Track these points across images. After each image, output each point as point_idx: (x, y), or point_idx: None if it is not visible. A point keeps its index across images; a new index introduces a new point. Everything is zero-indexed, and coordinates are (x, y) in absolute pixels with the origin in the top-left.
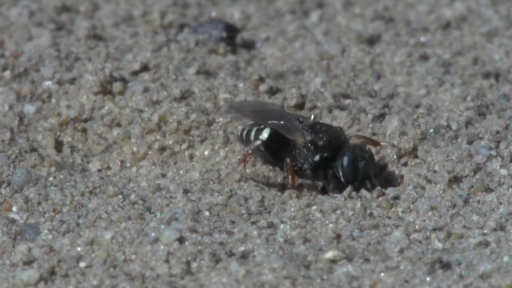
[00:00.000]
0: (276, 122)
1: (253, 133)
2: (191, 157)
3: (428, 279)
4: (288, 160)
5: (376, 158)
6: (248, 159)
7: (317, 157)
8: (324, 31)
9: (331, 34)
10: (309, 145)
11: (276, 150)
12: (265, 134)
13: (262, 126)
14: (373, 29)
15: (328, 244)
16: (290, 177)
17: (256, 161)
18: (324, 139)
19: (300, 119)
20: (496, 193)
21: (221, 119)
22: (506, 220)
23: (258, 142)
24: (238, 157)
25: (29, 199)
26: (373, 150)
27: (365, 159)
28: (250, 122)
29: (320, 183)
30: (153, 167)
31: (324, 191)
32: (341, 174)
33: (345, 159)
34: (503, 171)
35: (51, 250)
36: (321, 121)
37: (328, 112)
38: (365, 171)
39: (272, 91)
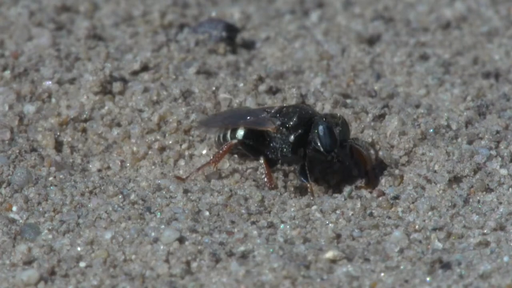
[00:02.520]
0: (245, 120)
1: (228, 134)
2: (191, 157)
3: (428, 279)
4: (262, 159)
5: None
6: (220, 159)
7: (291, 138)
8: (324, 31)
9: (331, 34)
10: (281, 128)
11: (255, 146)
12: (240, 133)
13: (236, 128)
14: (373, 29)
15: (328, 244)
16: (266, 176)
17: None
18: (293, 118)
19: (267, 110)
20: (496, 193)
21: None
22: (506, 220)
23: (234, 141)
24: (211, 157)
25: (29, 199)
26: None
27: (339, 125)
28: (224, 128)
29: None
30: (153, 167)
31: (303, 171)
32: (319, 144)
33: (320, 129)
34: (503, 171)
35: (51, 250)
36: (286, 104)
37: (328, 112)
38: (342, 137)
39: (272, 91)
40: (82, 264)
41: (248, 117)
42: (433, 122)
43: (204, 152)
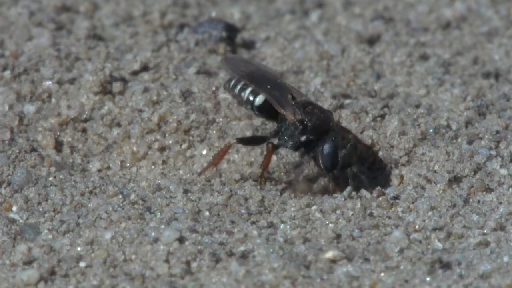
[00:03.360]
0: (271, 92)
1: (247, 94)
2: (191, 157)
3: (428, 279)
4: (270, 144)
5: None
6: (220, 160)
7: (303, 138)
8: (324, 31)
9: (331, 34)
10: (298, 124)
11: (266, 116)
12: (259, 100)
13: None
14: (373, 29)
15: (328, 244)
16: (265, 161)
17: (255, 162)
18: (314, 121)
19: (293, 95)
20: (496, 193)
21: (221, 119)
22: (506, 220)
23: (233, 142)
24: (211, 158)
25: (29, 199)
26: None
27: (346, 149)
28: (245, 82)
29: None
30: (153, 167)
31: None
32: (320, 161)
33: (326, 147)
34: (503, 171)
35: (51, 250)
36: (312, 102)
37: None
38: (346, 160)
39: None
40: (82, 264)
41: (275, 89)
42: (433, 122)
43: (204, 152)
